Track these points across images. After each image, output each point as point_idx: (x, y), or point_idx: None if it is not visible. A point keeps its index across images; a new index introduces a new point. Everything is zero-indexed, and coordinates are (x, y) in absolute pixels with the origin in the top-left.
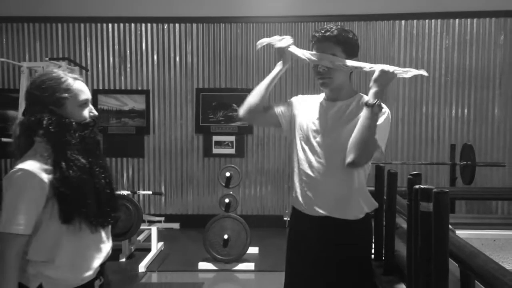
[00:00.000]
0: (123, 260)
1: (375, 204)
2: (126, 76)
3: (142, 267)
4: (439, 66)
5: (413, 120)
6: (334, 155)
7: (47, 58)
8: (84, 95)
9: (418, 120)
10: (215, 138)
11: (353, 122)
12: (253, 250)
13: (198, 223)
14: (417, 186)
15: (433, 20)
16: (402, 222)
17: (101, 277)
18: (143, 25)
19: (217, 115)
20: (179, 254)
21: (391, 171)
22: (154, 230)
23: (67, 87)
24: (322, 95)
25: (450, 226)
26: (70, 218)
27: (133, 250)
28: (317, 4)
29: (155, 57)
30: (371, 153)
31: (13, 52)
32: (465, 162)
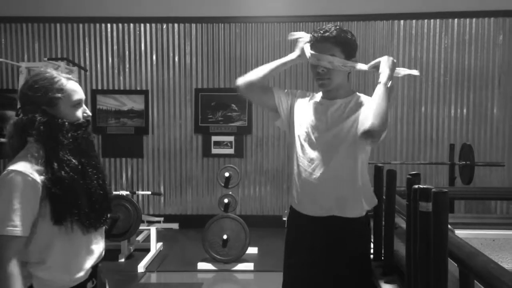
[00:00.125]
0: (122, 261)
1: (375, 202)
2: (125, 76)
3: (141, 268)
4: (438, 66)
5: (412, 120)
6: (335, 151)
7: (46, 58)
8: (78, 96)
9: (417, 120)
10: (214, 138)
11: (353, 118)
12: (252, 250)
13: (197, 223)
14: (416, 186)
15: (432, 20)
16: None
17: (94, 279)
18: (142, 25)
19: (216, 115)
20: (178, 255)
21: (390, 170)
22: (153, 230)
23: (60, 87)
24: (320, 94)
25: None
26: (62, 219)
27: (132, 251)
28: (316, 4)
29: (154, 57)
30: (385, 123)
31: (12, 52)
32: (464, 162)
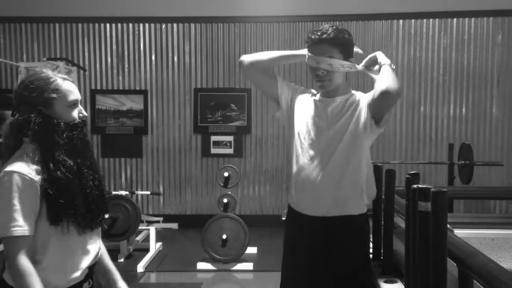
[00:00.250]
0: (122, 261)
1: (375, 192)
2: (124, 76)
3: (141, 267)
4: (437, 66)
5: (411, 120)
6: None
7: (45, 58)
8: (73, 96)
9: (416, 120)
10: (213, 138)
11: (353, 114)
12: (252, 250)
13: (197, 223)
14: (415, 186)
15: (431, 20)
16: (401, 222)
17: (90, 280)
18: (141, 25)
19: (215, 115)
20: (178, 254)
21: (389, 169)
22: (153, 230)
23: (56, 88)
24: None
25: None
26: (58, 219)
27: (132, 250)
28: (315, 4)
29: (153, 57)
30: (400, 88)
31: (11, 52)
32: (463, 162)
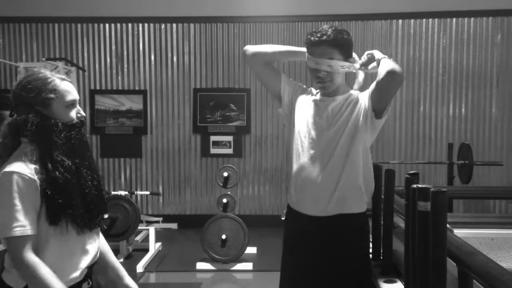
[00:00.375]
0: (121, 261)
1: (372, 187)
2: (123, 76)
3: (140, 268)
4: (436, 66)
5: (411, 119)
6: (336, 148)
7: (44, 59)
8: (71, 96)
9: (416, 120)
10: (213, 138)
11: (352, 113)
12: (251, 250)
13: (196, 223)
14: (415, 186)
15: (430, 20)
16: (400, 222)
17: (89, 280)
18: (140, 25)
19: (215, 115)
20: (177, 255)
21: (389, 169)
22: (152, 231)
23: (53, 88)
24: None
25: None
26: (57, 220)
27: (131, 251)
28: (314, 4)
29: (152, 57)
30: (403, 74)
31: (10, 53)
32: (463, 161)
